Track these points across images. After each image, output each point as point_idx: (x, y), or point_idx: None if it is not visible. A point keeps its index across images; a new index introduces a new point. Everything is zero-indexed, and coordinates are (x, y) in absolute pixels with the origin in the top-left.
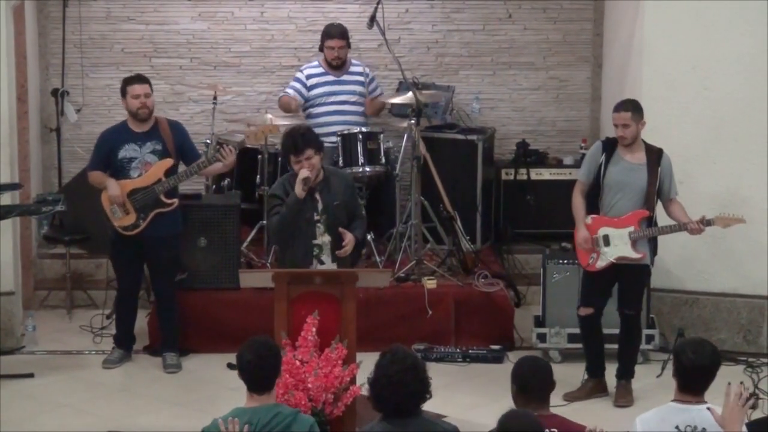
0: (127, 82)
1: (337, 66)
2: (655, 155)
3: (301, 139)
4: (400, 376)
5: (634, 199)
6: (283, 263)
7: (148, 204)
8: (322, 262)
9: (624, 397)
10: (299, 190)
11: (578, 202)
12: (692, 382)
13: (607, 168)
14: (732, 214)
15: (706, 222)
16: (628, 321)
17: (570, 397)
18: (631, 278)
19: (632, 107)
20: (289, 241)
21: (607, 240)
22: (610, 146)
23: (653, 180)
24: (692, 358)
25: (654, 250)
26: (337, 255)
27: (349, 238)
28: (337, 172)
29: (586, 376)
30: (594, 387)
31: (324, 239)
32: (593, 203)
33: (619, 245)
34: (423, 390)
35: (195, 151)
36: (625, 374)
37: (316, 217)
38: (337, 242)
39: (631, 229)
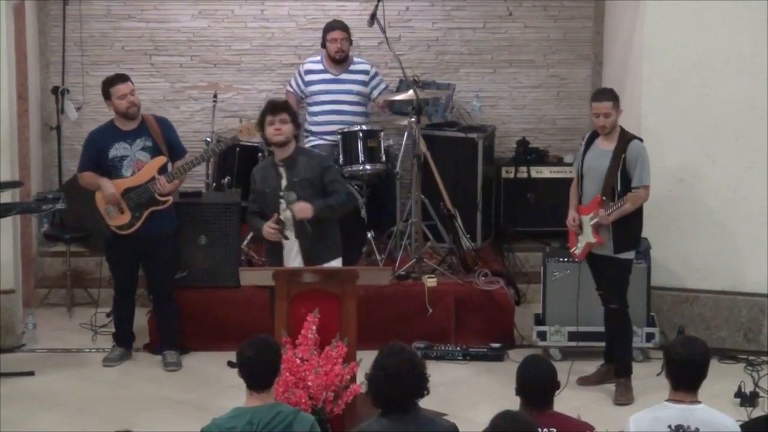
0: (110, 83)
1: (340, 60)
2: (624, 142)
3: (280, 103)
4: (396, 369)
5: (600, 184)
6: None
7: (142, 202)
8: (286, 237)
9: (623, 395)
10: (266, 230)
11: (572, 189)
12: (684, 378)
13: (584, 156)
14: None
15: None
16: (614, 315)
17: (583, 382)
18: (609, 272)
19: (612, 96)
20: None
21: (581, 228)
22: (592, 136)
23: (614, 166)
24: (681, 353)
25: (630, 243)
26: (294, 215)
27: (301, 205)
28: (309, 152)
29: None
30: (607, 372)
31: (286, 215)
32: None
33: (586, 233)
34: (419, 385)
35: (181, 147)
36: (623, 372)
37: (280, 193)
38: (302, 222)
39: (592, 215)
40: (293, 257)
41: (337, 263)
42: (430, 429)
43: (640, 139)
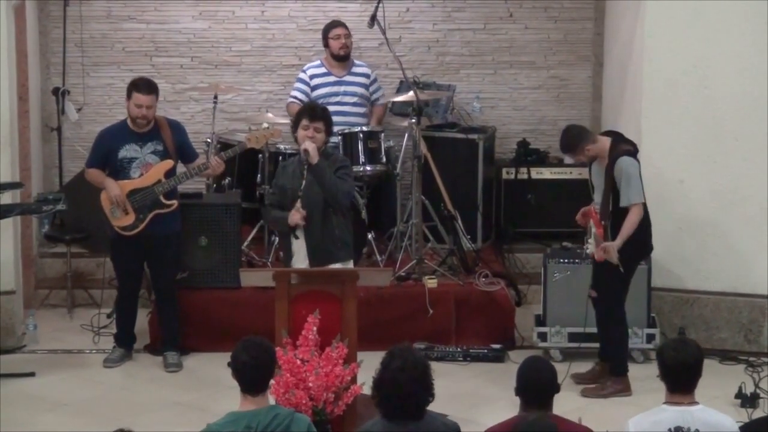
0: (135, 87)
1: (344, 57)
2: (611, 161)
3: (321, 109)
4: (410, 387)
5: (600, 198)
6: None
7: (147, 205)
8: (296, 237)
9: (593, 388)
10: (293, 218)
11: None
12: (678, 381)
13: (591, 167)
14: (615, 255)
15: (603, 249)
16: (602, 315)
17: (579, 380)
18: (602, 276)
19: (566, 148)
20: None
21: (589, 232)
22: None
23: (606, 189)
24: (674, 356)
25: (635, 256)
26: (307, 156)
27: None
28: (329, 154)
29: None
30: (602, 371)
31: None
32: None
33: (592, 241)
34: (428, 395)
35: (193, 151)
36: (611, 370)
37: (299, 193)
38: (310, 219)
39: (595, 231)
40: (302, 259)
41: (349, 266)
42: (433, 428)
43: (630, 153)
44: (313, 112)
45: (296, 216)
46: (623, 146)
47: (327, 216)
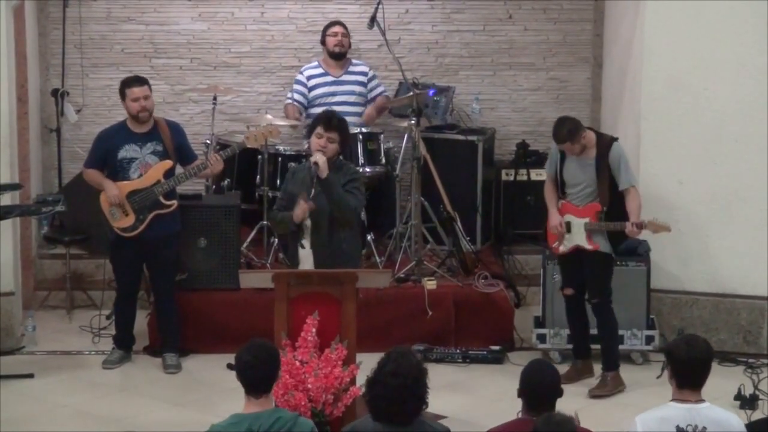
0: (126, 84)
1: (339, 55)
2: (604, 149)
3: (337, 120)
4: (399, 393)
5: (588, 190)
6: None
7: (146, 205)
8: (302, 246)
9: (599, 388)
10: (297, 213)
11: (549, 190)
12: (690, 377)
13: (563, 164)
14: (662, 221)
15: (638, 225)
16: (596, 310)
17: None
18: (592, 267)
19: (568, 136)
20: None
21: (568, 227)
22: None
23: (603, 175)
24: (686, 350)
25: (618, 240)
26: (317, 169)
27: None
28: (340, 165)
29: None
30: (582, 368)
31: (306, 223)
32: (562, 191)
33: (576, 234)
34: (419, 405)
35: (192, 152)
36: (606, 365)
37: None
38: (317, 229)
39: (587, 220)
40: (308, 267)
41: None
42: (423, 431)
43: (616, 138)
44: (329, 121)
45: (301, 207)
46: (606, 134)
47: (334, 227)
